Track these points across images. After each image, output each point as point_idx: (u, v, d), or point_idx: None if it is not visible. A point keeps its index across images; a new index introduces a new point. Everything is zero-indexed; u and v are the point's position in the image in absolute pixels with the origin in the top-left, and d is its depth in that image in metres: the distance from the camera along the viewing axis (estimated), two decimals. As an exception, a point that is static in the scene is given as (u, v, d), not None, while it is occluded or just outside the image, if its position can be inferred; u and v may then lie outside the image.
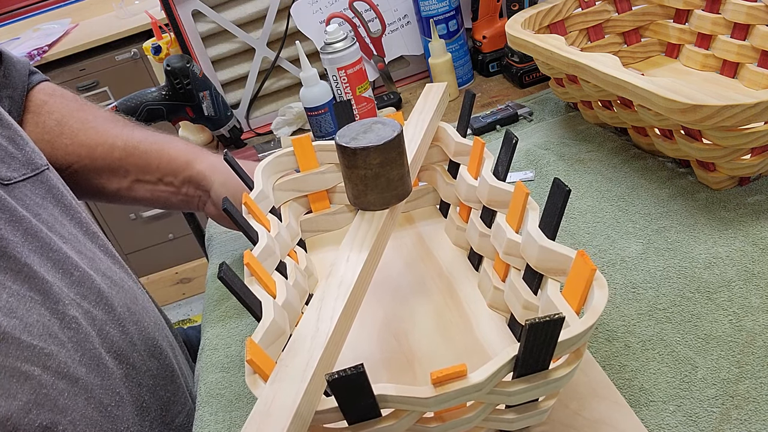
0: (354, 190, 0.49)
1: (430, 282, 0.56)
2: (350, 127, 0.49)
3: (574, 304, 0.37)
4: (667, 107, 0.51)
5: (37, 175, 0.58)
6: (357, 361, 0.49)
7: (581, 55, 0.63)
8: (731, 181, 0.58)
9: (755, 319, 0.45)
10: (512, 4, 0.92)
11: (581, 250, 0.37)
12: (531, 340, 0.32)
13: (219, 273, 0.39)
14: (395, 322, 0.52)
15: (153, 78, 1.95)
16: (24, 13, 2.36)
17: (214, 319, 0.64)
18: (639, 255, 0.54)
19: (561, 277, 0.41)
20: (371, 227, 0.48)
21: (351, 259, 0.46)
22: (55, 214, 0.58)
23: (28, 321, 0.49)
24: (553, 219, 0.41)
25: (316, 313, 0.41)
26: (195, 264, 2.30)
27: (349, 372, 0.31)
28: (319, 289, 0.44)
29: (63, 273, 0.54)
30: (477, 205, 0.54)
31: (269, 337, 0.40)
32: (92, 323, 0.55)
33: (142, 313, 0.61)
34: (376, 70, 1.02)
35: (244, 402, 0.53)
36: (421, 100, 0.63)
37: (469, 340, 0.48)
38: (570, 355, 0.36)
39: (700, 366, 0.43)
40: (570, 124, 0.77)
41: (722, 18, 0.71)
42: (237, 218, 0.49)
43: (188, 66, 0.91)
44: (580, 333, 0.34)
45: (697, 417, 0.40)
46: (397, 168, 0.48)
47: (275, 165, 0.61)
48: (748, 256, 0.50)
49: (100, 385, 0.53)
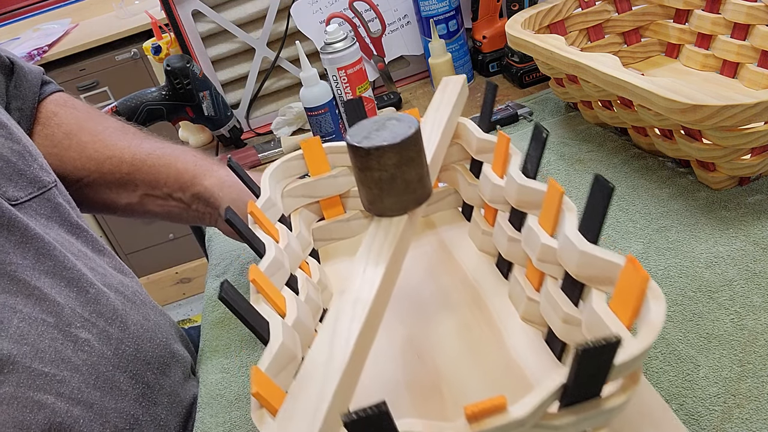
0: (368, 195, 0.44)
1: (455, 293, 0.51)
2: (362, 124, 0.44)
3: (625, 318, 0.33)
4: (667, 107, 0.51)
5: (44, 193, 0.57)
6: (376, 385, 0.44)
7: (581, 55, 0.63)
8: (731, 181, 0.58)
9: (757, 318, 0.45)
10: (512, 4, 0.92)
11: (630, 255, 0.33)
12: (583, 367, 0.28)
13: (220, 293, 0.35)
14: (418, 338, 0.48)
15: (153, 78, 1.95)
16: (24, 13, 2.36)
17: (214, 319, 0.64)
18: (640, 254, 0.54)
19: (606, 286, 0.36)
20: (389, 235, 0.43)
21: (367, 272, 0.41)
22: (61, 233, 0.57)
23: (40, 347, 0.49)
24: (596, 221, 0.36)
25: (330, 337, 0.36)
26: (195, 264, 2.30)
27: (370, 412, 0.26)
28: (333, 308, 0.39)
29: (78, 291, 0.53)
30: (504, 207, 0.50)
31: (278, 363, 0.36)
32: (107, 342, 0.54)
33: (155, 330, 0.60)
34: (376, 70, 1.02)
35: (244, 402, 0.53)
36: (437, 95, 0.58)
37: (501, 359, 0.44)
38: (625, 379, 0.31)
39: (702, 365, 0.43)
40: (570, 124, 0.77)
41: (722, 18, 0.71)
42: (241, 229, 0.45)
43: (188, 66, 0.91)
44: (638, 355, 0.29)
45: (699, 415, 0.40)
46: (415, 168, 0.43)
47: (284, 170, 0.57)
48: (750, 256, 0.50)
49: (114, 409, 0.52)
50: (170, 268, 2.31)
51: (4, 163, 0.54)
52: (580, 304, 0.39)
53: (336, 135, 0.87)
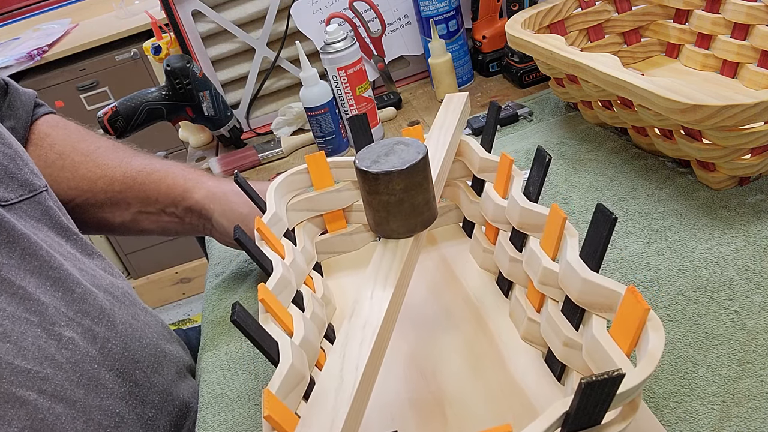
0: (376, 217, 0.45)
1: (457, 311, 0.52)
2: (370, 148, 0.45)
3: (625, 346, 0.34)
4: (667, 107, 0.51)
5: (34, 196, 0.57)
6: (382, 403, 0.45)
7: (581, 55, 0.63)
8: (731, 181, 0.58)
9: (756, 318, 0.45)
10: (512, 4, 0.92)
11: (632, 285, 0.34)
12: (586, 398, 0.29)
13: (232, 316, 0.37)
14: (421, 356, 0.49)
15: (153, 78, 1.95)
16: (24, 13, 2.36)
17: (214, 319, 0.64)
18: (640, 254, 0.54)
19: (607, 313, 0.37)
20: (396, 258, 0.44)
21: (375, 296, 0.42)
22: (51, 235, 0.58)
23: (23, 344, 0.49)
24: (597, 249, 0.38)
25: (340, 361, 0.37)
26: (195, 264, 2.30)
27: None
28: (342, 332, 0.40)
29: (64, 290, 0.54)
30: (505, 227, 0.51)
31: (288, 384, 0.37)
32: (93, 341, 0.54)
33: (144, 329, 0.60)
34: (376, 70, 1.02)
35: (245, 400, 0.53)
36: (441, 113, 0.59)
37: (502, 378, 0.45)
38: (624, 407, 0.33)
39: (701, 364, 0.43)
40: (570, 124, 0.77)
41: (722, 18, 0.71)
42: (250, 249, 0.46)
43: (188, 66, 0.91)
44: (637, 385, 0.30)
45: (697, 414, 0.40)
46: (422, 193, 0.44)
47: (288, 184, 0.58)
48: (749, 256, 0.51)
49: (98, 407, 0.52)
50: (170, 268, 2.31)
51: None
52: (581, 328, 0.40)
53: (336, 135, 0.87)
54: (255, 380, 0.54)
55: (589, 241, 0.39)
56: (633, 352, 0.35)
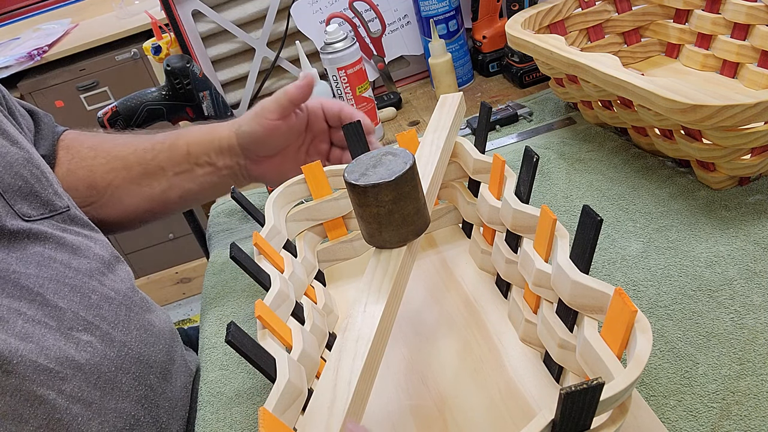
0: (368, 229, 0.46)
1: (456, 313, 0.52)
2: (359, 160, 0.46)
3: (615, 347, 0.35)
4: (667, 107, 0.51)
5: (54, 216, 0.59)
6: (382, 409, 0.46)
7: (581, 55, 0.63)
8: (731, 181, 0.58)
9: (756, 317, 0.45)
10: (512, 4, 0.92)
11: (619, 287, 0.35)
12: (569, 407, 0.29)
13: (227, 337, 0.37)
14: (421, 361, 0.49)
15: (153, 78, 1.95)
16: (24, 13, 2.36)
17: (213, 318, 0.64)
18: (640, 254, 0.54)
19: (597, 314, 0.38)
20: (389, 268, 0.45)
21: (368, 309, 0.42)
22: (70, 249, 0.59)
23: (44, 344, 0.50)
24: (585, 251, 0.38)
25: (333, 377, 0.38)
26: (195, 264, 2.30)
27: None
28: (336, 347, 0.40)
29: (81, 296, 0.55)
30: (501, 228, 0.51)
31: (285, 400, 0.37)
32: (111, 344, 0.55)
33: (158, 335, 0.61)
34: (376, 70, 1.02)
35: (244, 398, 0.53)
36: (435, 114, 0.60)
37: (501, 381, 0.45)
38: (614, 411, 0.33)
39: (701, 362, 0.43)
40: (570, 124, 0.77)
41: (722, 18, 0.71)
42: (247, 266, 0.47)
43: (188, 66, 0.91)
44: (624, 389, 0.31)
45: (697, 412, 0.40)
46: (411, 202, 0.45)
47: (286, 195, 0.58)
48: (750, 255, 0.51)
49: (114, 409, 0.53)
50: (170, 268, 2.31)
51: (23, 183, 0.56)
52: (575, 329, 0.41)
53: (336, 135, 0.87)
54: (253, 379, 0.55)
55: (578, 243, 0.39)
56: (624, 352, 0.35)
